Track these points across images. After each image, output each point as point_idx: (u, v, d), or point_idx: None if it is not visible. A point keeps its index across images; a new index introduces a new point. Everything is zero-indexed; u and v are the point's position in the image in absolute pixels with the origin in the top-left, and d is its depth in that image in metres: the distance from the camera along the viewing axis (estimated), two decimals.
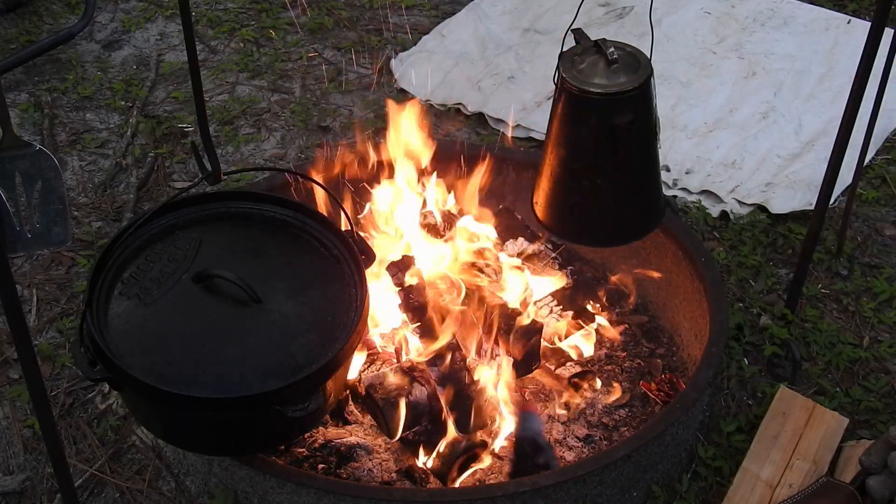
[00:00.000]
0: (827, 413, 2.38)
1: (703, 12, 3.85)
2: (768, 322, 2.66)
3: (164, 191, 3.15)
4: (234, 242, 2.18)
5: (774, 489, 2.23)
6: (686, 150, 3.26)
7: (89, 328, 1.92)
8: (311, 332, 1.99)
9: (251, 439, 2.02)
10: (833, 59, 3.60)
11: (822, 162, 2.46)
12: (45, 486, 2.34)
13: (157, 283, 2.04)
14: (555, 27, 3.77)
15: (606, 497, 2.13)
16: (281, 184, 2.61)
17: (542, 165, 2.16)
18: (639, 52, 2.03)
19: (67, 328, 2.70)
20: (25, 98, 3.52)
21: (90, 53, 3.77)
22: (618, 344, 2.56)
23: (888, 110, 3.08)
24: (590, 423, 2.37)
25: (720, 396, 2.50)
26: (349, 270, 2.11)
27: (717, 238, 2.96)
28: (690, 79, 3.54)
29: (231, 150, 3.32)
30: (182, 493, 2.32)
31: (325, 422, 2.30)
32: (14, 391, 2.53)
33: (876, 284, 2.81)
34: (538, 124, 3.33)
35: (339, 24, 3.90)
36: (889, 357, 2.63)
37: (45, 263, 2.90)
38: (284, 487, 2.06)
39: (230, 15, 3.96)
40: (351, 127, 3.39)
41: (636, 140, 2.04)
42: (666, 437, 2.17)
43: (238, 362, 1.93)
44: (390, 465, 2.25)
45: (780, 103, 3.43)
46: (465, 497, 2.07)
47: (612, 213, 2.14)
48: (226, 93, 3.57)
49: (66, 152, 3.31)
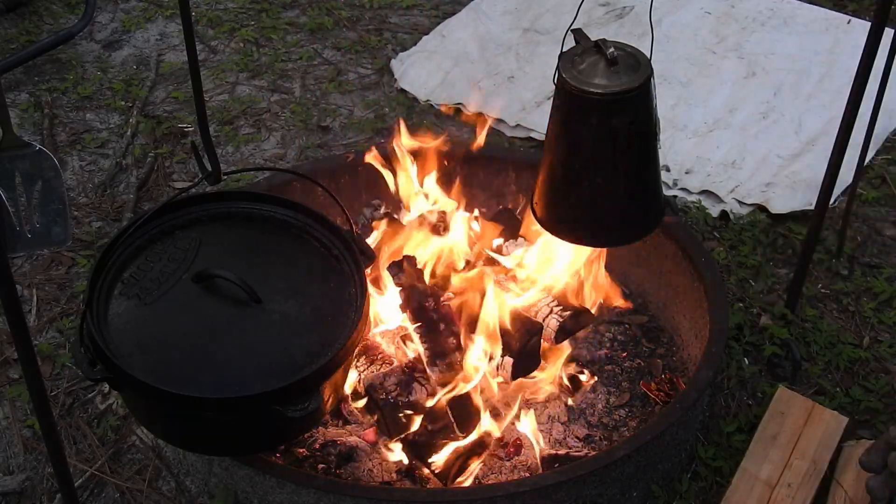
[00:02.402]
0: (826, 412, 2.39)
1: (703, 12, 3.85)
2: (768, 322, 2.66)
3: (164, 191, 3.15)
4: (234, 242, 2.18)
5: (773, 489, 2.23)
6: (686, 150, 3.26)
7: (89, 328, 1.92)
8: (311, 332, 1.99)
9: (251, 439, 2.02)
10: (833, 59, 3.60)
11: (823, 162, 2.46)
12: (45, 486, 2.34)
13: (157, 283, 2.04)
14: (555, 27, 3.77)
15: (606, 497, 2.13)
16: (281, 184, 2.61)
17: (542, 165, 2.16)
18: (639, 53, 2.03)
19: (67, 328, 2.70)
20: (25, 98, 3.52)
21: (90, 53, 3.77)
22: (617, 343, 2.57)
23: (888, 110, 3.08)
24: (590, 423, 2.38)
25: (720, 396, 2.50)
26: (349, 270, 2.11)
27: (717, 238, 2.96)
28: (690, 79, 3.54)
29: (231, 150, 3.32)
30: (182, 493, 2.32)
31: (325, 422, 2.30)
32: (14, 391, 2.53)
33: (876, 284, 2.81)
34: (538, 124, 3.33)
35: (339, 24, 3.90)
36: (889, 357, 2.63)
37: (45, 263, 2.90)
38: (284, 487, 2.06)
39: (230, 15, 3.96)
40: (351, 127, 3.39)
41: (636, 140, 2.04)
42: (666, 437, 2.17)
43: (238, 362, 1.93)
44: (390, 465, 2.25)
45: (780, 103, 3.43)
46: (465, 497, 2.07)
47: (612, 213, 2.14)
48: (226, 93, 3.57)
49: (66, 152, 3.31)
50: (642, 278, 2.68)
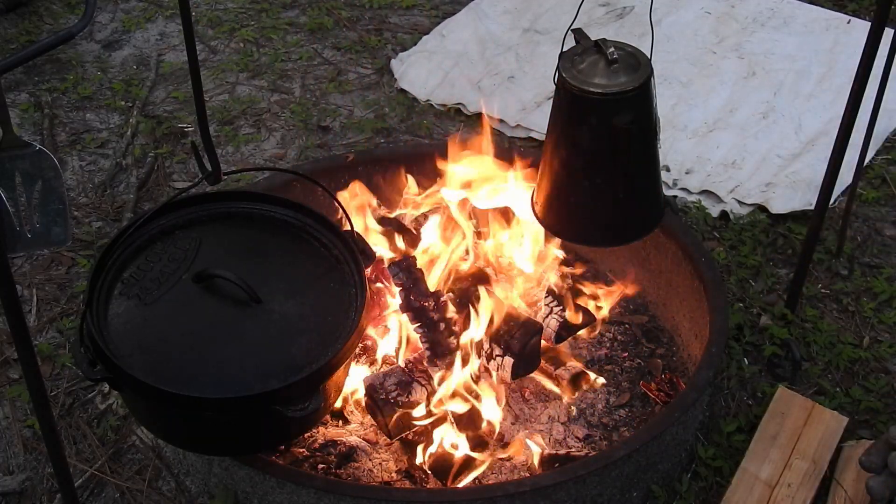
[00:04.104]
0: (826, 412, 2.39)
1: (703, 12, 3.85)
2: (768, 322, 2.66)
3: (164, 191, 3.15)
4: (234, 242, 2.18)
5: (773, 489, 2.23)
6: (686, 150, 3.26)
7: (89, 328, 1.92)
8: (311, 332, 1.99)
9: (251, 439, 2.02)
10: (833, 59, 3.60)
11: (822, 162, 2.46)
12: (45, 486, 2.34)
13: (157, 283, 2.04)
14: (555, 27, 3.77)
15: (606, 497, 2.13)
16: (281, 184, 2.61)
17: (542, 165, 2.16)
18: (639, 52, 2.03)
19: (67, 328, 2.70)
20: (25, 98, 3.52)
21: (90, 53, 3.77)
22: (617, 343, 2.57)
23: (888, 110, 3.08)
24: (590, 423, 2.38)
25: (720, 396, 2.50)
26: (349, 270, 2.11)
27: (717, 238, 2.96)
28: (690, 79, 3.54)
29: (231, 150, 3.32)
30: (182, 493, 2.32)
31: (325, 422, 2.31)
32: (14, 391, 2.53)
33: (876, 284, 2.81)
34: (538, 124, 3.33)
35: (339, 24, 3.90)
36: (889, 357, 2.63)
37: (45, 263, 2.90)
38: (284, 487, 2.06)
39: (230, 15, 3.96)
40: (351, 127, 3.39)
41: (636, 140, 2.05)
42: (666, 437, 2.17)
43: (238, 362, 1.93)
44: (390, 465, 2.25)
45: (780, 103, 3.43)
46: (465, 497, 2.07)
47: (612, 213, 2.14)
48: (226, 93, 3.57)
49: (66, 152, 3.31)
50: (642, 278, 2.68)
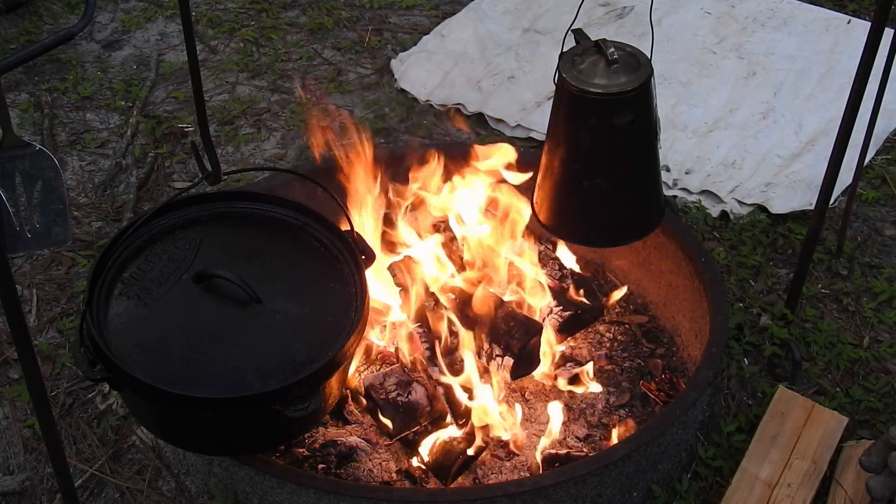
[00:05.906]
0: (826, 412, 2.39)
1: (703, 12, 3.85)
2: (768, 322, 2.66)
3: (164, 191, 3.15)
4: (234, 242, 2.18)
5: (773, 489, 2.23)
6: (686, 150, 3.26)
7: (89, 328, 1.92)
8: (311, 332, 1.99)
9: (251, 439, 2.02)
10: (833, 59, 3.60)
11: (822, 162, 2.46)
12: (45, 486, 2.34)
13: (157, 283, 2.04)
14: (555, 27, 3.77)
15: (606, 497, 2.13)
16: (281, 184, 2.61)
17: (542, 165, 2.16)
18: (639, 52, 2.03)
19: (67, 328, 2.70)
20: (25, 98, 3.52)
21: (90, 53, 3.77)
22: (617, 343, 2.57)
23: (888, 110, 3.08)
24: (590, 423, 2.38)
25: (720, 396, 2.50)
26: (349, 270, 2.11)
27: (717, 238, 2.96)
28: (690, 79, 3.54)
29: (231, 150, 3.32)
30: (182, 493, 2.32)
31: (325, 422, 2.31)
32: (14, 391, 2.53)
33: (876, 284, 2.81)
34: (538, 124, 3.33)
35: (339, 24, 3.90)
36: (889, 357, 2.63)
37: (45, 263, 2.91)
38: (284, 487, 2.06)
39: (230, 15, 3.96)
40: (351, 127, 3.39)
41: (636, 140, 2.05)
42: (666, 437, 2.17)
43: (238, 362, 1.93)
44: (390, 465, 2.25)
45: (780, 103, 3.43)
46: (465, 497, 2.07)
47: (612, 213, 2.14)
48: (226, 93, 3.57)
49: (66, 152, 3.31)
50: (642, 278, 2.68)
